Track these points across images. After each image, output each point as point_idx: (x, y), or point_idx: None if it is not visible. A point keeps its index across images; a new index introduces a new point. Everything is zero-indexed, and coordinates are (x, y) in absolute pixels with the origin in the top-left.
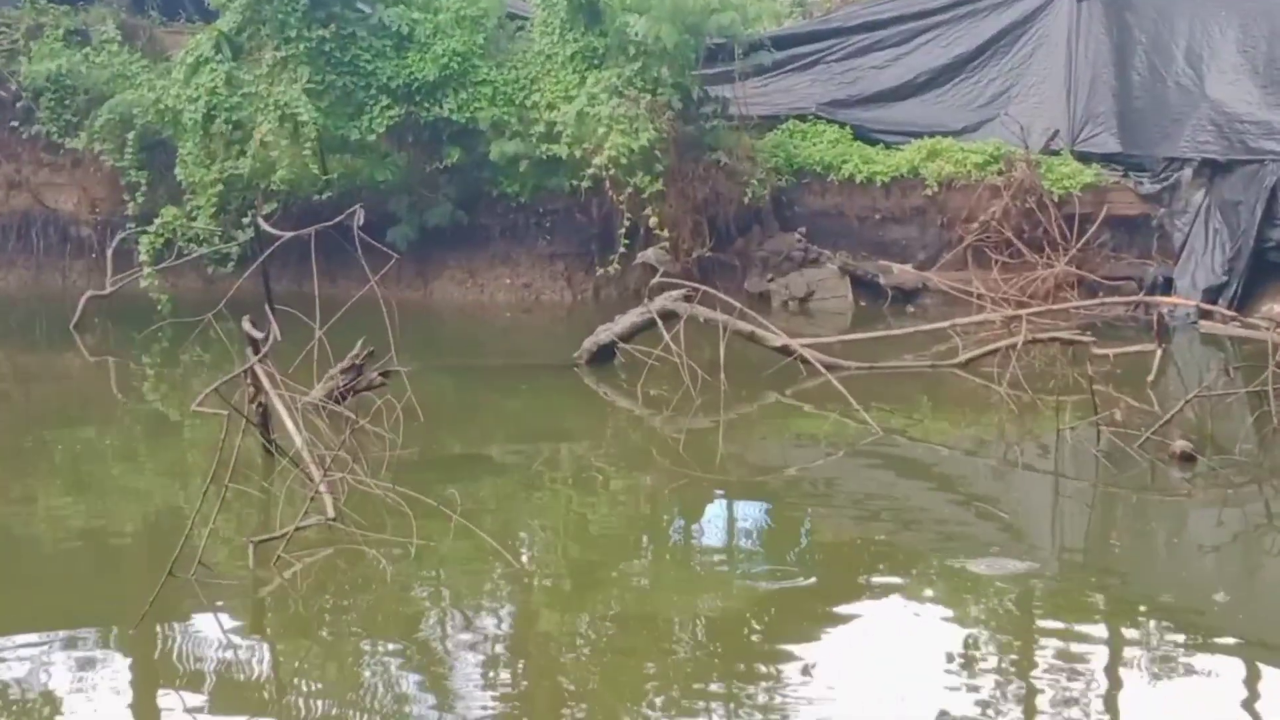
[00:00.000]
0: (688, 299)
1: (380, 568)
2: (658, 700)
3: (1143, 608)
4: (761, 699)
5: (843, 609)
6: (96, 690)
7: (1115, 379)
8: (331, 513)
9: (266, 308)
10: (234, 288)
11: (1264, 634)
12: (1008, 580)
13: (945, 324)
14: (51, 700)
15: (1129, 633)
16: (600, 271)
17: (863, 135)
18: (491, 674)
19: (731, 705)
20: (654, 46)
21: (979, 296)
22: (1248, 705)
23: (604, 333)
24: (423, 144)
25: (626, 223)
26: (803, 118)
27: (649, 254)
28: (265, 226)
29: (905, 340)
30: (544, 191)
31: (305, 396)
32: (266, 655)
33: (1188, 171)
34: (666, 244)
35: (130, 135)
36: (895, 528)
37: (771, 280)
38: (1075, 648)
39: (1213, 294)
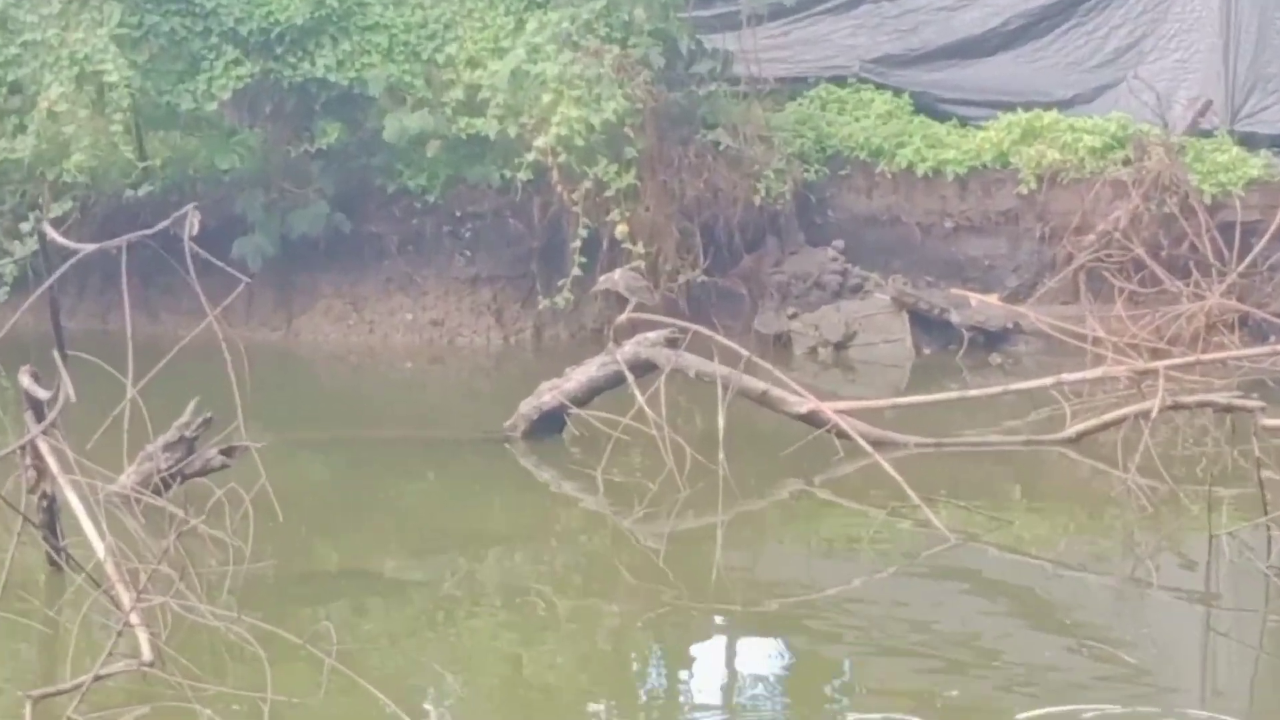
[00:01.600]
0: (672, 343)
1: None
2: None
3: None
4: None
5: None
6: None
7: None
8: (148, 654)
9: (56, 354)
10: (8, 324)
11: None
12: None
13: (1047, 381)
14: None
15: None
16: (544, 303)
17: (928, 107)
18: None
19: None
20: None
21: (1095, 341)
22: None
23: (549, 392)
24: (286, 117)
25: (583, 232)
26: (841, 81)
27: (615, 278)
28: (54, 235)
29: (988, 404)
30: (463, 187)
31: (112, 484)
32: None
33: None
34: (641, 264)
35: None
36: (972, 678)
37: (794, 316)
38: None
39: None
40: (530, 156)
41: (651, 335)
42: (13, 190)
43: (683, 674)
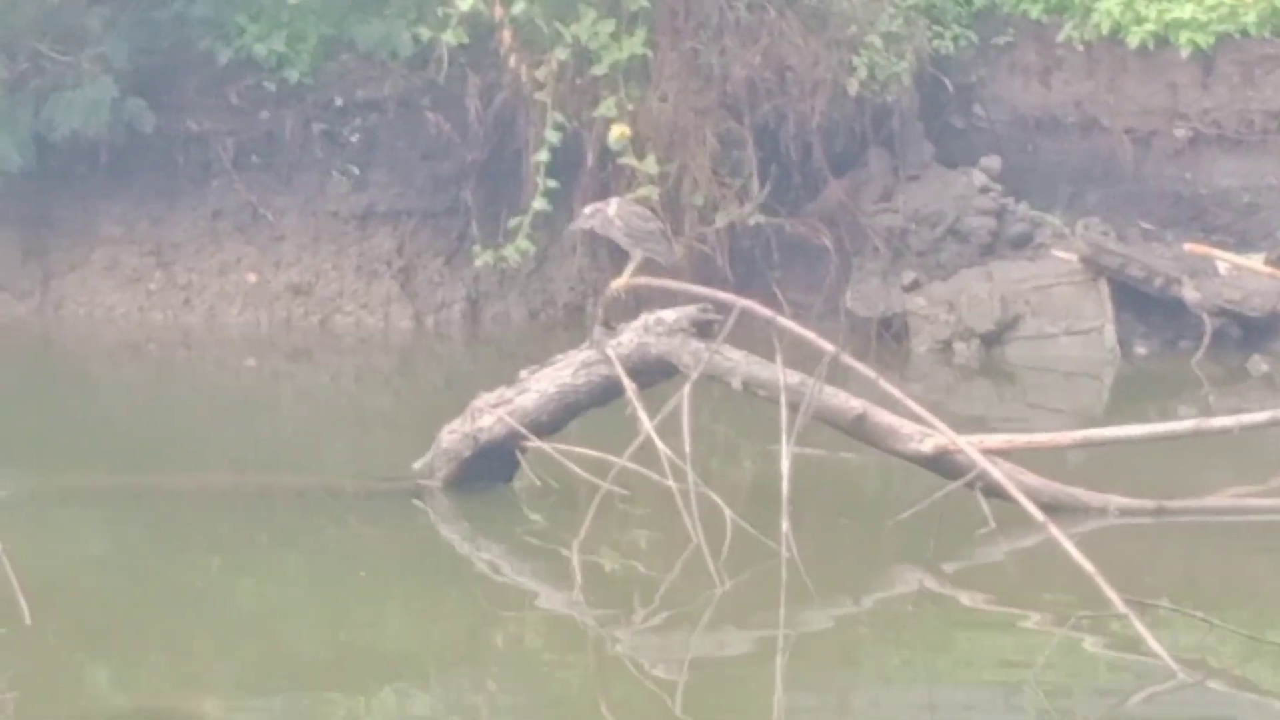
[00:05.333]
0: (703, 330)
1: None
2: None
3: None
4: None
5: None
6: None
7: None
8: None
9: None
10: None
11: None
12: None
13: None
14: None
15: None
16: (484, 258)
17: None
18: None
19: None
20: None
21: None
22: None
23: (492, 412)
24: None
25: (553, 138)
26: None
27: (610, 214)
28: None
29: (1245, 444)
30: (347, 57)
31: None
32: None
33: None
34: (654, 192)
35: None
36: None
37: (915, 287)
38: None
39: None
40: (464, 5)
41: (668, 316)
42: None
43: None
